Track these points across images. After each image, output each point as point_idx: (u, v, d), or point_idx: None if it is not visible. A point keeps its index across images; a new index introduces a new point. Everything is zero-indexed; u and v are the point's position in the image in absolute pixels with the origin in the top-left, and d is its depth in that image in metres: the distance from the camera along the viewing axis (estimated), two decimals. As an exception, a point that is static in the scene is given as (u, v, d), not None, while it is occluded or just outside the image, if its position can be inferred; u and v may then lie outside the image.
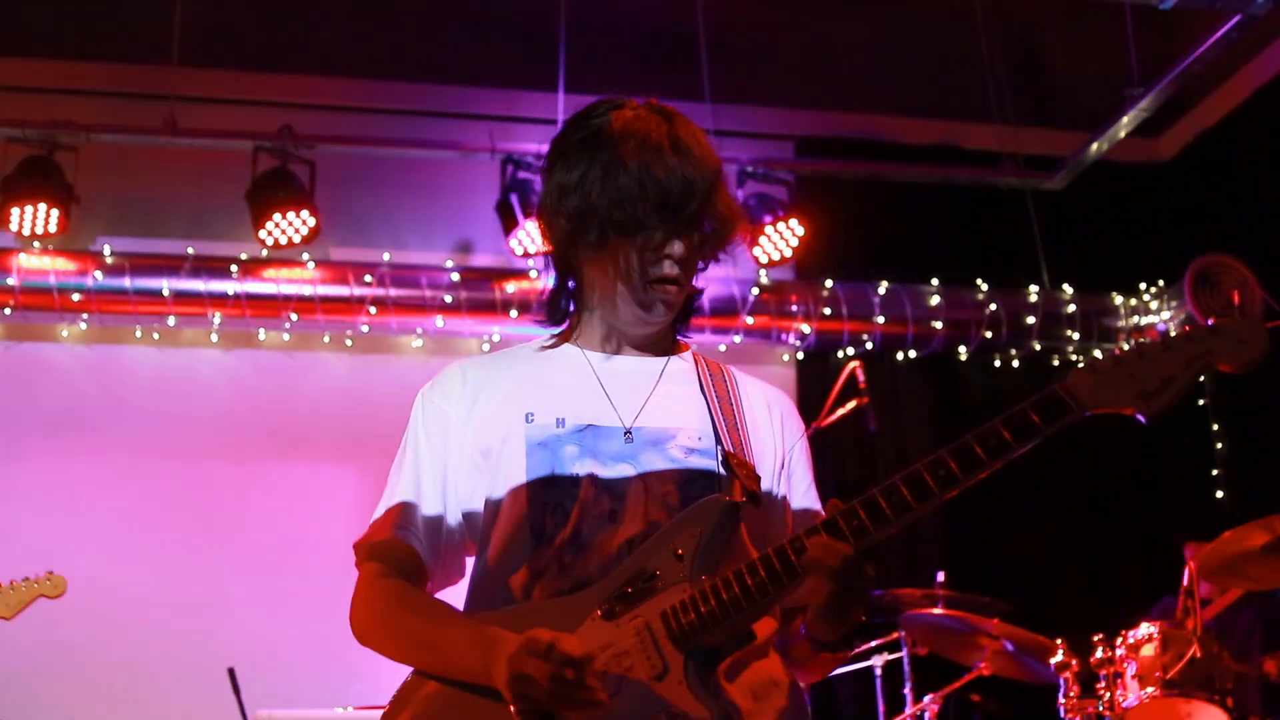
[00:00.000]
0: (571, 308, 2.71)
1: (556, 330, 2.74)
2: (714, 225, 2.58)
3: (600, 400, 2.59)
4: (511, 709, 2.30)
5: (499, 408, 2.60)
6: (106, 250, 7.26)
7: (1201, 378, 2.29)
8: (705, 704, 2.29)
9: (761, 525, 2.55)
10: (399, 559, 2.60)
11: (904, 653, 6.26)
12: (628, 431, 2.55)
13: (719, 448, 2.55)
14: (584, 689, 2.26)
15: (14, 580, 5.63)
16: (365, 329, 7.61)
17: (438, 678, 2.48)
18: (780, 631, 2.55)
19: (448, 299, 7.47)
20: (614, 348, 2.67)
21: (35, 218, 7.09)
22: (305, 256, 7.48)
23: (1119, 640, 5.70)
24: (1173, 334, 2.29)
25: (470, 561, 2.67)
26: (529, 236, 7.51)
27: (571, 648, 2.26)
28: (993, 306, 8.10)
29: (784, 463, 2.67)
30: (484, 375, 2.68)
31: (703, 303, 2.83)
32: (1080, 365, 2.33)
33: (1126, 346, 2.32)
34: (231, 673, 5.98)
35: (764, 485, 2.57)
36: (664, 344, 2.72)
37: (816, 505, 2.70)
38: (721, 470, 2.53)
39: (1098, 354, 6.42)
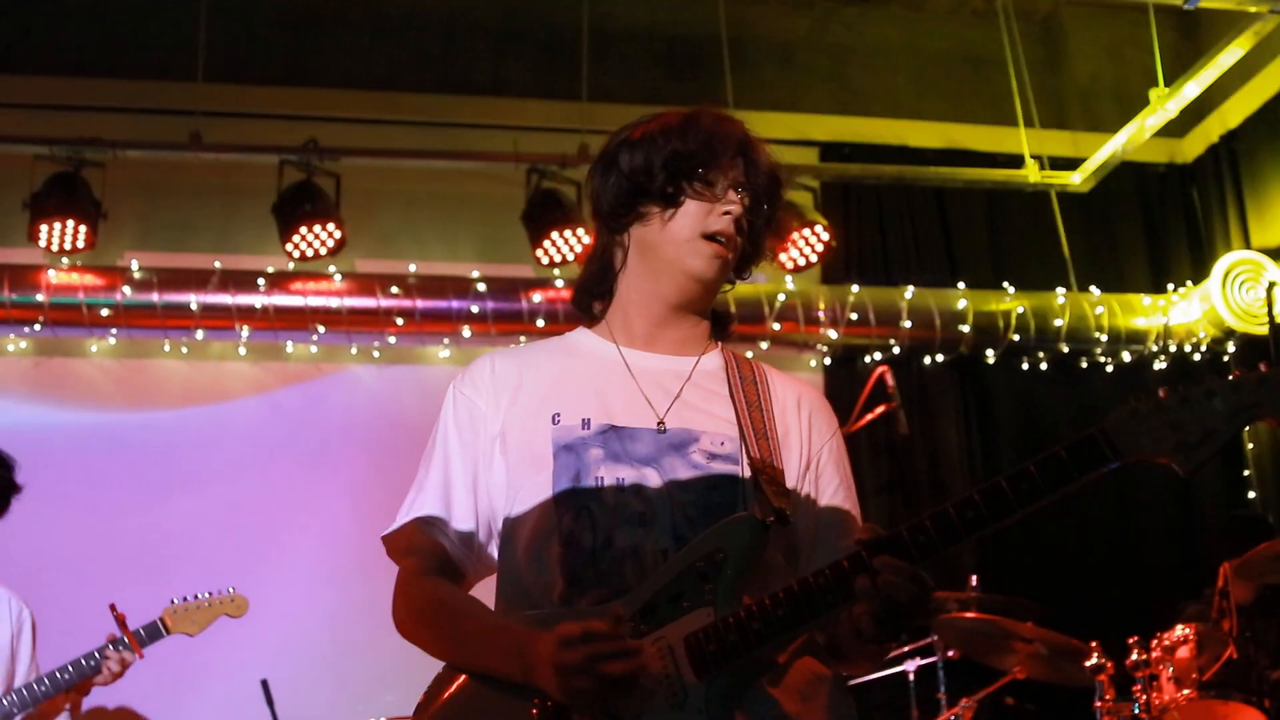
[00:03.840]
0: (609, 295, 2.72)
1: (589, 317, 2.76)
2: (772, 205, 2.65)
3: (628, 398, 2.59)
4: (546, 705, 2.29)
5: (526, 406, 2.60)
6: (134, 265, 7.29)
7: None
8: None
9: (788, 535, 2.52)
10: (434, 557, 2.61)
11: (937, 657, 6.25)
12: (660, 425, 2.54)
13: (745, 457, 2.52)
14: (625, 656, 2.25)
15: (199, 595, 5.70)
16: (392, 340, 7.62)
17: (469, 673, 2.48)
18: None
19: (474, 309, 7.47)
20: (649, 342, 2.67)
21: (64, 234, 7.13)
22: (332, 269, 7.50)
23: (1154, 642, 5.67)
24: (1219, 381, 2.21)
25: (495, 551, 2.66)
26: (555, 246, 7.53)
27: (600, 625, 2.26)
28: (1019, 309, 8.07)
29: (812, 463, 2.64)
30: (512, 368, 2.68)
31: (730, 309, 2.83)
32: (1121, 407, 2.24)
33: (1169, 392, 2.23)
34: (265, 684, 5.99)
35: (790, 487, 2.55)
36: (697, 342, 2.71)
37: (847, 505, 2.66)
38: (746, 473, 2.50)
39: (1138, 397, 6.48)
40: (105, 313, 7.20)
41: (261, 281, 7.35)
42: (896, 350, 7.99)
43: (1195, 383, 2.23)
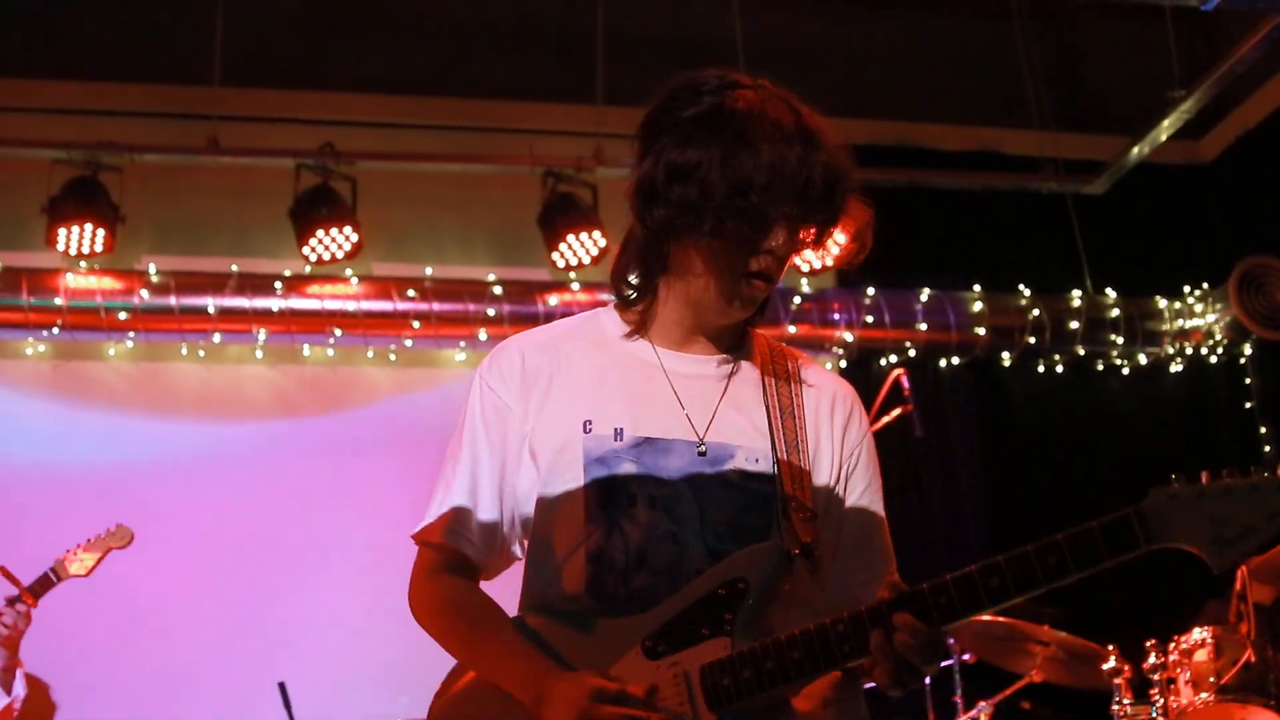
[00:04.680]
0: (649, 289, 2.58)
1: (624, 304, 2.63)
2: (824, 223, 2.49)
3: (665, 408, 2.52)
4: None
5: (557, 410, 2.53)
6: (152, 269, 7.31)
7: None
8: None
9: (814, 565, 2.46)
10: (455, 556, 2.59)
11: (954, 660, 6.23)
12: (700, 445, 2.48)
13: (779, 477, 2.46)
14: None
15: (86, 539, 6.02)
16: (409, 344, 7.62)
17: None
18: None
19: (490, 312, 7.48)
20: (685, 342, 2.58)
21: (81, 238, 7.16)
22: (348, 272, 7.51)
23: (1172, 646, 5.65)
24: (1264, 476, 2.14)
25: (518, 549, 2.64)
26: (571, 249, 7.54)
27: (637, 692, 2.25)
28: (1036, 312, 8.05)
29: (844, 467, 2.60)
30: (543, 364, 2.59)
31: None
32: (1160, 490, 2.17)
33: (1212, 479, 2.17)
34: (282, 686, 6.00)
35: (820, 488, 2.52)
36: (735, 336, 2.63)
37: (874, 508, 2.63)
38: (779, 497, 2.45)
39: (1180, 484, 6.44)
40: (123, 316, 7.22)
41: (278, 285, 7.37)
42: (912, 353, 7.98)
43: (1240, 473, 2.17)
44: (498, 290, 7.54)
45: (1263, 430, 8.31)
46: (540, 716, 2.29)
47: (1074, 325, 8.07)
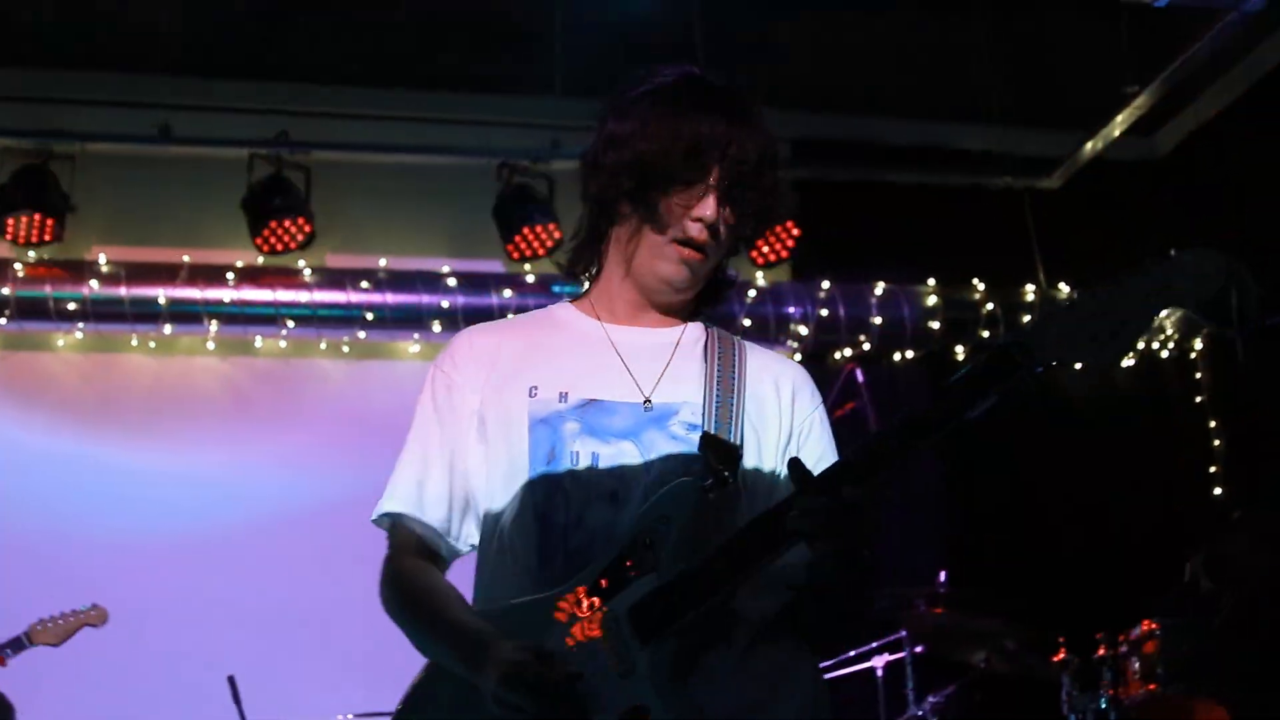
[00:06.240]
0: (594, 269, 2.68)
1: (573, 292, 2.70)
2: (755, 200, 2.52)
3: (611, 372, 2.55)
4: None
5: (504, 380, 2.56)
6: (102, 259, 7.24)
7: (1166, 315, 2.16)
8: (668, 702, 2.25)
9: (740, 500, 2.46)
10: (412, 541, 2.60)
11: (906, 653, 6.26)
12: (647, 402, 2.51)
13: (703, 416, 2.49)
14: (565, 699, 2.24)
15: (62, 612, 6.14)
16: (362, 335, 7.59)
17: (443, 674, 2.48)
18: (788, 607, 2.47)
19: (445, 304, 7.46)
20: (631, 317, 2.63)
21: (30, 227, 7.11)
22: (301, 264, 7.47)
23: (1121, 637, 5.70)
24: (1129, 270, 2.13)
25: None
26: (526, 242, 7.52)
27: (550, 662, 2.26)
28: (990, 306, 8.09)
29: (794, 435, 2.60)
30: (491, 343, 2.65)
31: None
32: (1036, 314, 2.21)
33: (1081, 291, 2.17)
34: (232, 680, 5.96)
35: (762, 463, 2.52)
36: (682, 312, 2.67)
37: (833, 454, 2.61)
38: (700, 436, 2.46)
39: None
40: (72, 306, 7.17)
41: (230, 276, 7.32)
42: (867, 346, 8.00)
43: (1110, 279, 2.15)
44: (452, 282, 7.51)
45: (1213, 424, 8.37)
46: (478, 687, 2.30)
47: (1027, 319, 8.11)
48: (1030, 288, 8.17)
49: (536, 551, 2.45)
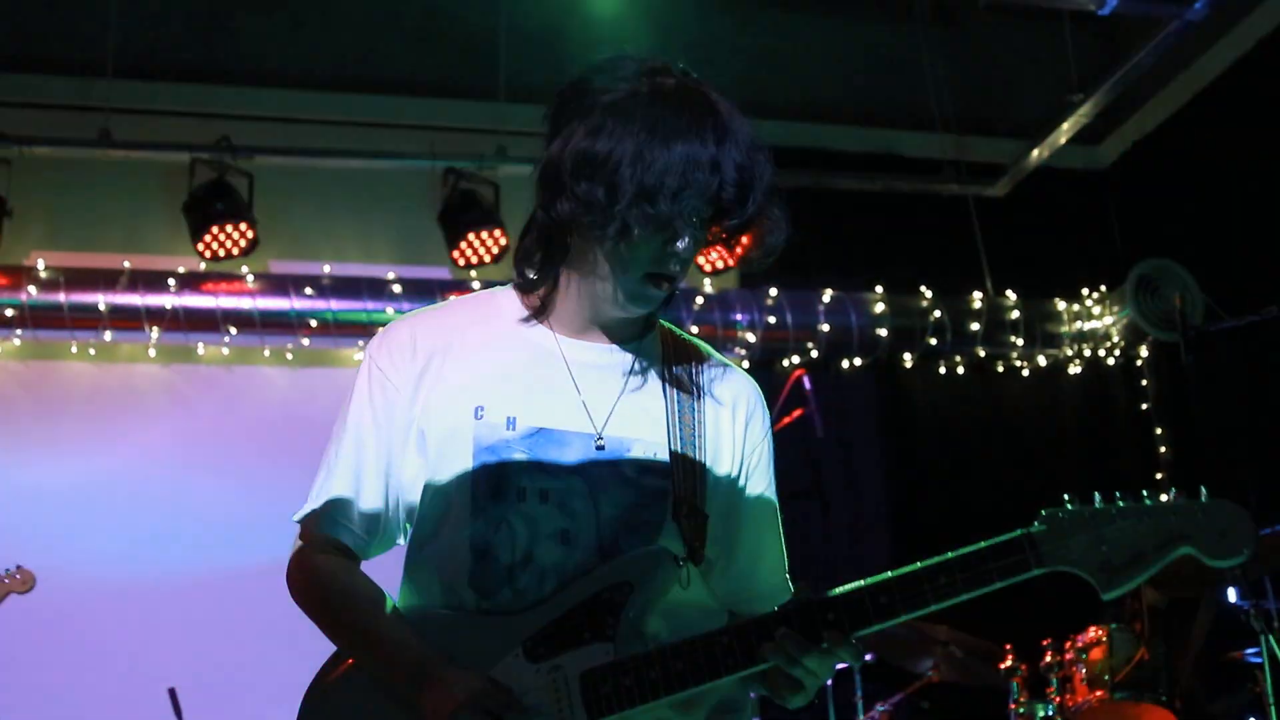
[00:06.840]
0: (550, 275, 2.46)
1: (524, 288, 2.52)
2: (758, 237, 2.45)
3: (563, 398, 2.42)
4: None
5: (448, 393, 2.42)
6: (41, 265, 7.14)
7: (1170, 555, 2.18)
8: None
9: (703, 572, 2.44)
10: (332, 542, 2.51)
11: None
12: (599, 439, 2.40)
13: (674, 476, 2.40)
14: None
15: None
16: (306, 342, 7.52)
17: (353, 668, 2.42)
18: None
19: (390, 311, 7.40)
20: (586, 330, 2.47)
21: (-33, 232, 6.99)
22: (244, 269, 7.39)
23: (1067, 644, 5.71)
24: (1155, 505, 2.18)
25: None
26: (472, 248, 7.49)
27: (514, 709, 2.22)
28: (937, 313, 8.11)
29: (744, 466, 2.53)
30: (437, 343, 2.47)
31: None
32: (1052, 512, 2.20)
33: (1104, 504, 2.21)
34: (172, 692, 5.89)
35: (717, 499, 2.46)
36: (639, 326, 2.52)
37: (770, 509, 2.58)
38: (673, 496, 2.38)
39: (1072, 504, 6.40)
40: (10, 313, 7.06)
41: (172, 282, 7.24)
42: (814, 353, 8.00)
43: (1133, 498, 2.21)
44: (397, 289, 7.46)
45: (1159, 431, 8.42)
46: (420, 705, 2.24)
47: (975, 326, 8.14)
48: (978, 295, 8.20)
49: (475, 584, 2.36)
